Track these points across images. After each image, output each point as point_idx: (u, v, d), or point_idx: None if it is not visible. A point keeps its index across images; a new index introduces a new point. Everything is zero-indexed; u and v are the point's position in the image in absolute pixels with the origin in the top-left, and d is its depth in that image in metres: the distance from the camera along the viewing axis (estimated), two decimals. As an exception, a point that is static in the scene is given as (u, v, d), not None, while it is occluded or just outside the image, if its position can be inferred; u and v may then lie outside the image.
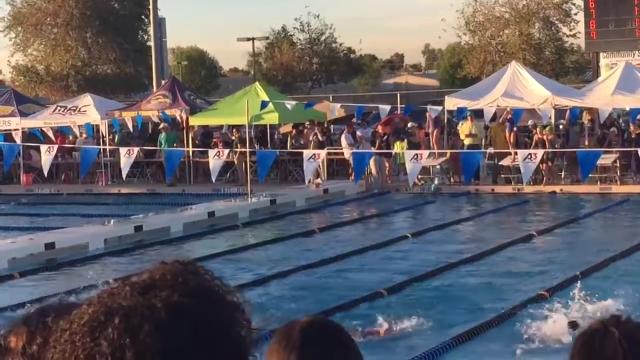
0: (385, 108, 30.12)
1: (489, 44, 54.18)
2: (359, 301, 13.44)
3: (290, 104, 30.92)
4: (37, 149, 30.84)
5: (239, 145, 29.42)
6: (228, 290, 1.47)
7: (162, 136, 30.92)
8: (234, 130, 30.94)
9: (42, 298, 12.37)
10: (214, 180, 27.79)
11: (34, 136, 33.40)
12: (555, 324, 11.60)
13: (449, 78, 67.80)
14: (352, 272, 16.07)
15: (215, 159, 27.60)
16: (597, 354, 2.27)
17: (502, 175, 28.43)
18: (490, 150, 28.49)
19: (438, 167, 29.17)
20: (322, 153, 27.25)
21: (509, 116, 28.82)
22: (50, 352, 1.42)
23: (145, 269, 1.48)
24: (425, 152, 26.81)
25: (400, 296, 13.95)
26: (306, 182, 27.16)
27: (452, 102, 30.53)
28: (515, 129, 28.77)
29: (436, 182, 28.15)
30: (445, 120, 30.94)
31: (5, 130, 33.79)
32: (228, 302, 1.46)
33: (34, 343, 1.89)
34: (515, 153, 26.76)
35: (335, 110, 32.66)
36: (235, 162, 29.94)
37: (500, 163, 28.16)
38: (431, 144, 29.92)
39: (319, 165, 27.77)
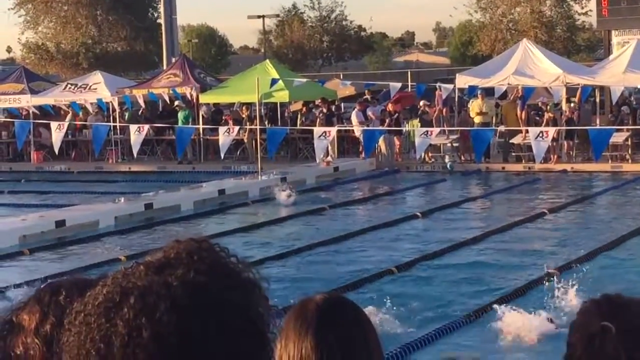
0: (396, 86, 30.02)
1: (500, 22, 53.96)
2: (369, 279, 13.46)
3: (300, 81, 30.82)
4: (48, 127, 30.87)
5: (248, 123, 29.37)
6: (244, 268, 1.44)
7: (181, 114, 30.84)
8: (243, 107, 30.86)
9: (52, 275, 12.38)
10: (222, 156, 27.75)
11: (46, 112, 33.44)
12: (564, 301, 11.59)
13: (459, 56, 67.62)
14: (362, 250, 16.07)
15: (225, 135, 27.57)
16: (599, 356, 2.22)
17: (513, 154, 28.35)
18: (501, 128, 28.40)
19: (449, 145, 29.09)
20: (333, 131, 27.21)
21: (520, 94, 28.69)
22: (65, 335, 1.40)
23: (160, 248, 1.45)
24: (436, 130, 26.76)
25: (410, 274, 13.95)
26: (317, 159, 27.13)
27: (463, 80, 30.41)
28: (526, 107, 28.65)
29: (447, 159, 28.08)
30: (456, 98, 30.83)
31: (17, 107, 33.90)
32: (245, 279, 1.43)
33: (47, 323, 1.88)
34: (527, 131, 26.69)
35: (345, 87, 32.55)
36: (245, 139, 29.89)
37: (511, 141, 28.06)
38: (440, 122, 29.78)
39: (330, 143, 27.72)
